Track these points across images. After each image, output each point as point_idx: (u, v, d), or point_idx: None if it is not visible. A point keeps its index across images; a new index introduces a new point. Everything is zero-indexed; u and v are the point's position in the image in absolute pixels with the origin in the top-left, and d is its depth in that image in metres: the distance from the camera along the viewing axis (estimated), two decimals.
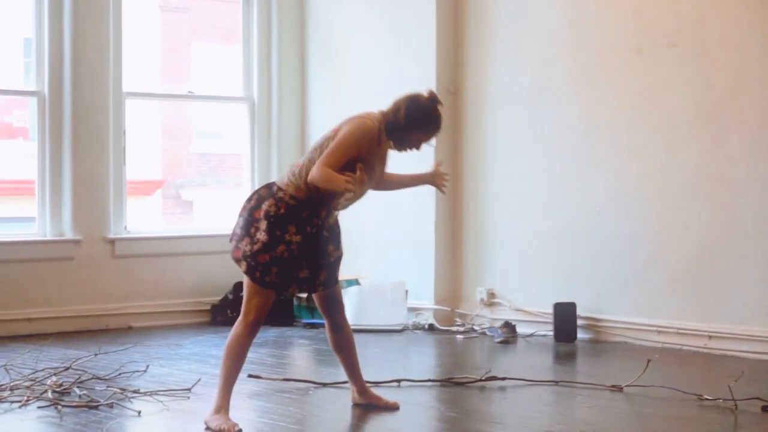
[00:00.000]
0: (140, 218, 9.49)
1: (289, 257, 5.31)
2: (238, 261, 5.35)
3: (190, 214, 10.52)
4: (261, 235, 5.29)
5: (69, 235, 8.79)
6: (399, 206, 9.25)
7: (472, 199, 9.06)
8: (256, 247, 5.28)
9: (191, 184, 10.53)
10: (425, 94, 5.32)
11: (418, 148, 5.42)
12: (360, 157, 5.26)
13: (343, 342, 5.73)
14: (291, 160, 9.88)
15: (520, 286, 8.76)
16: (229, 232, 9.88)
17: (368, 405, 5.78)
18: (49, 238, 8.76)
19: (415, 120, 5.25)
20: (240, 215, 5.40)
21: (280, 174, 9.79)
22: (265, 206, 5.33)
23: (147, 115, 9.97)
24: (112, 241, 8.96)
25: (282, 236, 5.30)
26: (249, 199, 5.44)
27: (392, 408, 5.77)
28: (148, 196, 10.47)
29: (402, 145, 5.38)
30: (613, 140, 8.23)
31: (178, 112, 10.53)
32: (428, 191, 9.02)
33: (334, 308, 5.67)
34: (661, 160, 7.97)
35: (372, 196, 9.46)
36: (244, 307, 5.40)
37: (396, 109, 5.30)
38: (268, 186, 5.43)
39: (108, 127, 8.92)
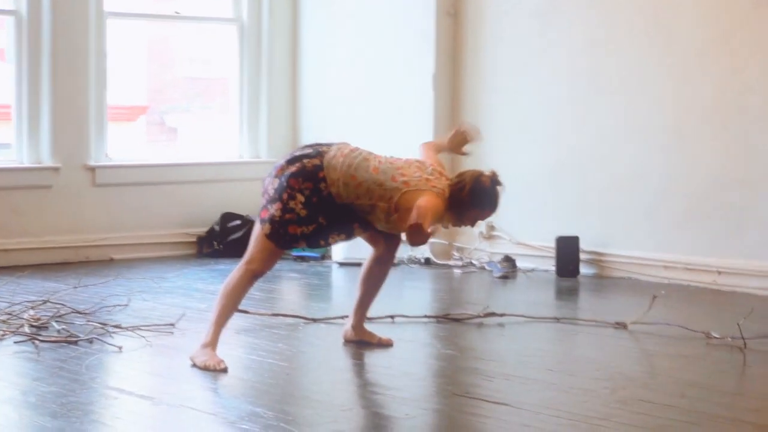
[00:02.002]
0: (122, 145, 9.44)
1: (320, 231, 5.34)
2: (263, 222, 5.33)
3: (175, 141, 10.47)
4: (297, 206, 5.28)
5: (47, 162, 8.74)
6: (395, 133, 9.20)
7: None
8: (288, 216, 5.27)
9: (176, 110, 10.46)
10: (487, 173, 5.42)
11: (473, 225, 5.55)
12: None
13: (377, 276, 5.75)
14: (281, 85, 9.82)
15: (521, 218, 8.73)
16: (216, 160, 9.88)
17: (361, 342, 5.78)
18: (26, 165, 8.72)
19: (477, 200, 5.37)
20: (276, 175, 5.36)
21: (272, 103, 9.73)
22: (303, 184, 5.29)
23: (130, 36, 9.87)
24: (93, 169, 8.92)
25: (315, 217, 5.31)
26: (291, 162, 5.37)
27: (386, 345, 5.76)
28: (130, 122, 10.41)
29: (459, 220, 5.47)
30: (623, 67, 8.16)
31: (164, 34, 10.44)
32: (426, 113, 8.99)
33: (386, 242, 5.63)
34: (673, 88, 7.92)
35: (367, 121, 9.43)
36: (250, 253, 5.38)
37: (460, 186, 5.37)
38: (316, 164, 5.33)
39: (89, 48, 8.84)
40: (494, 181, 5.42)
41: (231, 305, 5.42)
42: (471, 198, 5.36)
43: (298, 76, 9.90)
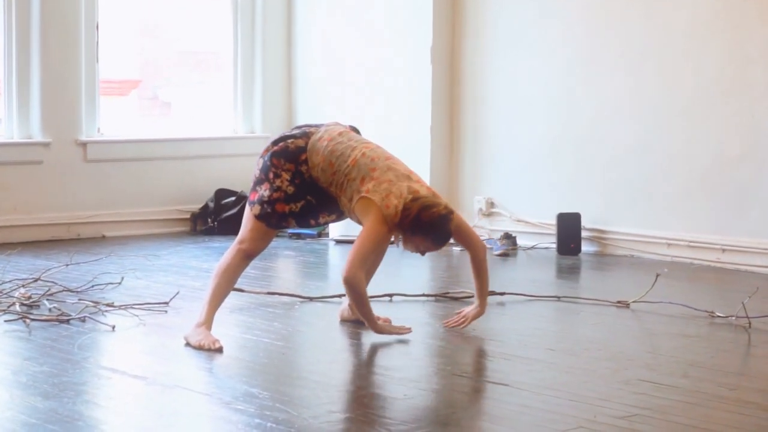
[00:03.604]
0: (114, 120, 9.43)
1: (309, 209, 5.36)
2: (251, 204, 5.36)
3: (168, 116, 10.45)
4: (283, 184, 5.30)
5: (38, 137, 8.73)
6: (392, 108, 9.20)
7: (471, 102, 9.00)
8: (275, 195, 5.30)
9: (170, 84, 10.44)
10: (440, 207, 5.22)
11: (421, 253, 5.40)
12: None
13: (376, 259, 5.74)
14: (276, 58, 9.81)
15: (521, 195, 8.74)
16: (210, 135, 9.87)
17: (358, 321, 5.78)
18: (16, 140, 8.71)
19: (416, 228, 5.21)
20: (262, 156, 5.39)
21: (266, 80, 9.72)
22: (285, 165, 5.31)
23: (122, 8, 9.84)
24: (84, 144, 8.90)
25: (303, 194, 5.33)
26: (276, 142, 5.39)
27: None
28: (123, 97, 10.39)
29: (406, 244, 5.35)
30: (625, 40, 8.15)
31: (157, 6, 10.41)
32: (424, 86, 8.98)
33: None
34: (676, 61, 7.91)
35: (363, 95, 9.42)
36: (242, 234, 5.40)
37: (408, 212, 5.21)
38: (299, 146, 5.33)
39: (80, 20, 8.82)
40: (443, 216, 5.22)
41: (225, 285, 5.42)
42: (411, 224, 5.20)
43: (292, 49, 9.88)
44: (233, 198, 9.21)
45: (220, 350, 5.20)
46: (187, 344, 5.30)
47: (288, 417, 4.18)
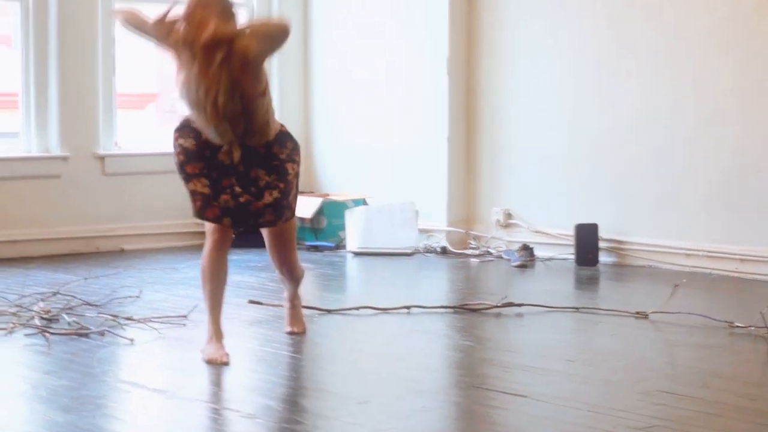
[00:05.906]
0: (132, 133, 9.45)
1: (210, 167, 5.37)
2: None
3: None
4: (186, 143, 5.41)
5: (56, 151, 8.76)
6: (409, 119, 9.21)
7: (488, 113, 9.01)
8: (181, 157, 5.40)
9: None
10: None
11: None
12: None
13: (284, 281, 5.78)
14: (292, 70, 9.84)
15: (539, 206, 8.73)
16: None
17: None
18: (34, 154, 8.74)
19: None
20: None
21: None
22: (182, 130, 5.50)
23: None
24: (102, 158, 8.93)
25: (202, 154, 5.40)
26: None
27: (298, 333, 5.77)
28: (140, 110, 10.43)
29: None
30: (642, 49, 8.14)
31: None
32: (441, 97, 8.98)
33: (271, 251, 5.63)
34: (694, 70, 7.90)
35: (380, 107, 9.41)
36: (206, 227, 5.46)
37: None
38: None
39: (97, 34, 8.86)
40: None
41: (215, 288, 5.35)
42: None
43: (308, 61, 9.89)
44: None
45: (226, 364, 5.15)
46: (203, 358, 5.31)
47: (307, 429, 4.19)
